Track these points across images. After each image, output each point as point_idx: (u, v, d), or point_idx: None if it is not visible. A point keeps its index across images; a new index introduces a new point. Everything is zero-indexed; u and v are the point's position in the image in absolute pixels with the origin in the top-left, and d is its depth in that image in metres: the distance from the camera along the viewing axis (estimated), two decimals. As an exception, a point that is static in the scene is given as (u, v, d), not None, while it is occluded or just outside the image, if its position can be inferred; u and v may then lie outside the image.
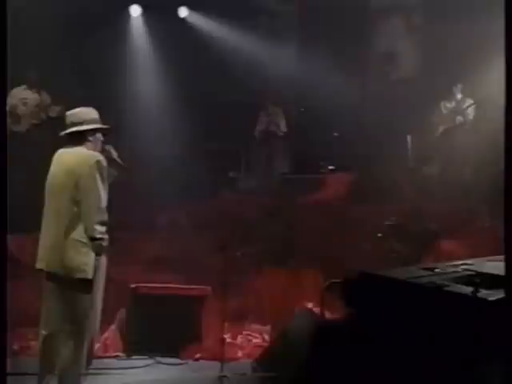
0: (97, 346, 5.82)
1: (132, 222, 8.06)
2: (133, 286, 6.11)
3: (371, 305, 2.93)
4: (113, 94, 9.53)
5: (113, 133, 4.56)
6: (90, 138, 4.34)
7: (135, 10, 10.29)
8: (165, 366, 5.51)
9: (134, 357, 5.67)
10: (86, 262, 4.12)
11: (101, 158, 4.22)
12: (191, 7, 10.54)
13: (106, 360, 5.59)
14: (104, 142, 4.48)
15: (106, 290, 6.86)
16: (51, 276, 4.20)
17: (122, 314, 6.12)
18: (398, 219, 6.80)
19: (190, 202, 8.68)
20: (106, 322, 6.14)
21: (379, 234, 6.35)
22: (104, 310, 6.48)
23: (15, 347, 5.52)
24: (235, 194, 9.22)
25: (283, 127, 10.07)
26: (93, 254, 4.14)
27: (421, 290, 2.78)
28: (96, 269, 4.19)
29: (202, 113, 9.72)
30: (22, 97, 8.79)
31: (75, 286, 4.14)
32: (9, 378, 3.58)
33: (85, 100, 8.74)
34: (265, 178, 9.57)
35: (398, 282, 2.93)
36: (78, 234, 4.11)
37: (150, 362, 5.56)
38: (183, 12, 10.54)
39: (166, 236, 8.04)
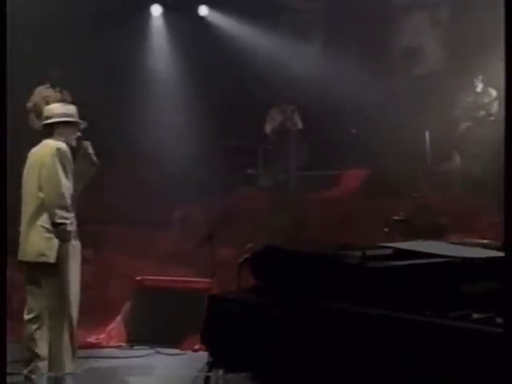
0: (101, 336, 6.01)
1: (148, 219, 8.21)
2: (138, 278, 6.26)
3: (274, 276, 3.01)
4: (133, 93, 9.70)
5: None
6: (60, 131, 4.49)
7: (156, 10, 10.43)
8: (164, 356, 5.62)
9: (136, 347, 5.81)
10: (49, 246, 4.27)
11: (62, 145, 4.38)
12: (211, 6, 10.59)
13: (108, 350, 5.76)
14: (81, 138, 4.62)
15: (116, 283, 7.07)
16: (25, 263, 4.40)
17: (128, 305, 6.27)
18: (406, 214, 6.73)
19: (207, 199, 8.75)
20: (113, 313, 6.32)
21: (386, 229, 6.30)
22: (112, 302, 6.68)
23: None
24: (252, 190, 9.26)
25: (300, 124, 9.96)
26: (56, 240, 4.28)
27: (318, 261, 2.90)
28: (65, 254, 4.32)
29: (220, 111, 9.76)
30: (44, 95, 8.96)
31: (42, 270, 4.32)
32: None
33: (104, 98, 9.04)
34: (281, 175, 9.53)
35: (299, 255, 3.01)
36: (43, 220, 4.31)
37: (150, 352, 5.69)
38: (203, 11, 10.62)
39: (181, 232, 8.16)
